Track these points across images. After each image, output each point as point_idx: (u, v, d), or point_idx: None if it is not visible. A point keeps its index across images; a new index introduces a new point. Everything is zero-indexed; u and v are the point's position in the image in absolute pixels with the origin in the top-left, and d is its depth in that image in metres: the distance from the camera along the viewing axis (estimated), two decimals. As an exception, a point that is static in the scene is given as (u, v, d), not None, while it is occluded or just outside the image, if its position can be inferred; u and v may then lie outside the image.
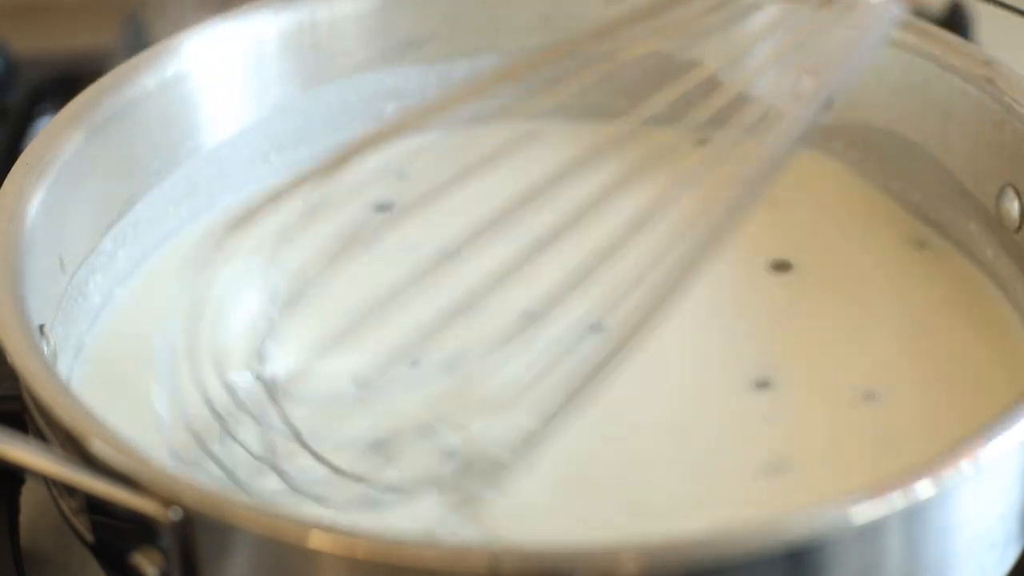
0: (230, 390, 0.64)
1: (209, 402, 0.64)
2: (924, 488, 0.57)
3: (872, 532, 0.57)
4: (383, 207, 0.77)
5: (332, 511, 0.62)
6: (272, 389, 0.64)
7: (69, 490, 0.61)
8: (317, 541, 0.56)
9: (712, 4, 0.69)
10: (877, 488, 0.57)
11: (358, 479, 0.64)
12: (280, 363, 0.65)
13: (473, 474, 0.62)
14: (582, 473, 0.66)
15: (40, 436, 0.64)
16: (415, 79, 0.85)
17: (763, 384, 0.71)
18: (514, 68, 0.69)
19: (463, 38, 0.84)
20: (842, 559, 0.57)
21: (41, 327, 0.67)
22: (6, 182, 0.71)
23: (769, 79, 0.79)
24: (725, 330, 0.74)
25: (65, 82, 0.97)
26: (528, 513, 0.64)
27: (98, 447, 0.59)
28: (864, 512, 0.56)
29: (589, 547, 0.55)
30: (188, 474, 0.62)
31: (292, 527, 0.56)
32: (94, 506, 0.60)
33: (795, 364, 0.72)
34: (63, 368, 0.70)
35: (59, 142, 0.74)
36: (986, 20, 0.96)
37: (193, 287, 0.63)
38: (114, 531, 0.60)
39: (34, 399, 0.63)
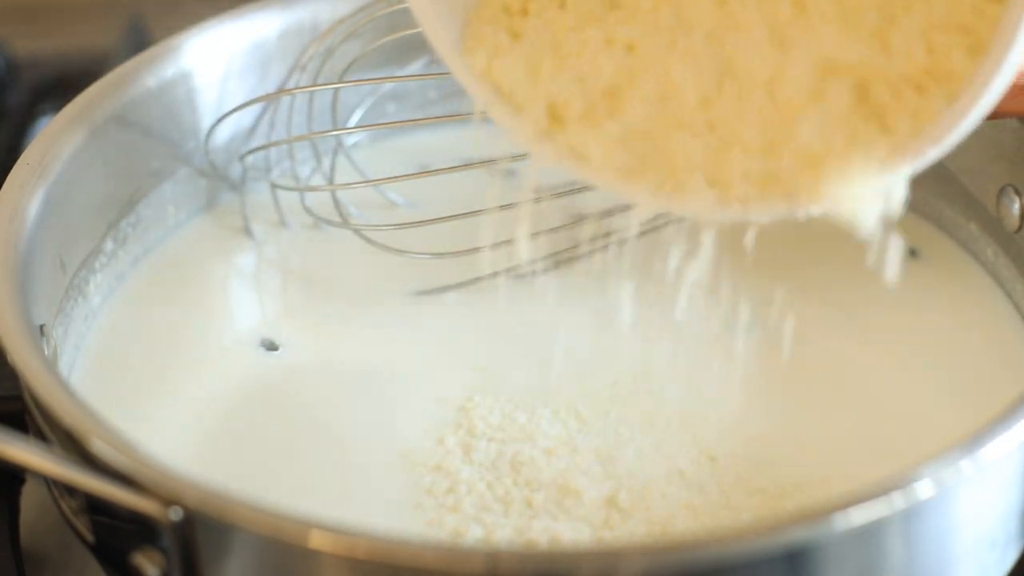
0: None
1: None
2: (924, 488, 0.57)
3: (872, 532, 0.57)
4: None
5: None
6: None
7: (69, 490, 0.61)
8: (317, 541, 0.56)
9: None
10: (877, 488, 0.57)
11: None
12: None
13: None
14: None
15: (40, 436, 0.64)
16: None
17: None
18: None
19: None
20: (842, 559, 0.57)
21: (41, 327, 0.67)
22: (6, 182, 0.71)
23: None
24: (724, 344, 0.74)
25: (65, 82, 0.97)
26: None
27: (98, 447, 0.59)
28: (864, 512, 0.56)
29: (589, 547, 0.55)
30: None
31: (292, 527, 0.56)
32: (94, 506, 0.60)
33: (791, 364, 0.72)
34: (63, 368, 0.71)
35: (59, 142, 0.74)
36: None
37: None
38: (114, 531, 0.60)
39: (34, 399, 0.63)
